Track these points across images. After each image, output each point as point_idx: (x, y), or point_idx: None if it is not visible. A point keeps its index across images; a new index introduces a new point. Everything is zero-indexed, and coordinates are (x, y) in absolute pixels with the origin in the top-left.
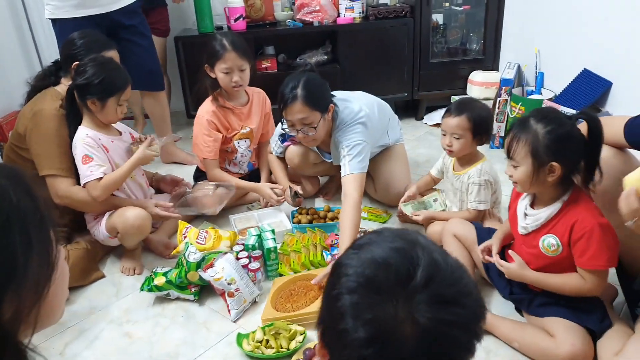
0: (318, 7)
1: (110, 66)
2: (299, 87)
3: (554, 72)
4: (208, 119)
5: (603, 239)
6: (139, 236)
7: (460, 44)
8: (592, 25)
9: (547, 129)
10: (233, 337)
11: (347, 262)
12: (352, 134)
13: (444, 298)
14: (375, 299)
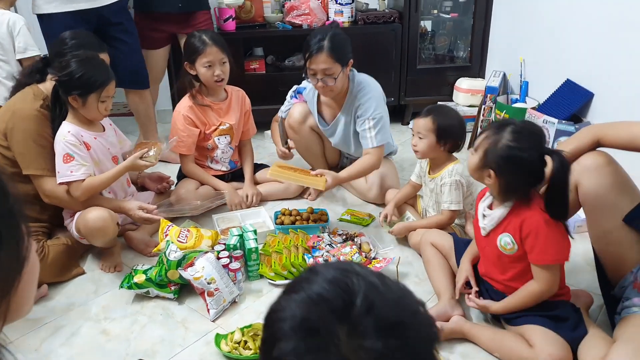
0: (307, 10)
1: (93, 62)
2: (326, 39)
3: (538, 82)
4: (184, 114)
5: (549, 235)
6: (102, 238)
7: (447, 51)
8: (576, 38)
9: (511, 144)
10: (211, 336)
11: (280, 307)
12: (375, 106)
13: (389, 322)
14: (315, 343)
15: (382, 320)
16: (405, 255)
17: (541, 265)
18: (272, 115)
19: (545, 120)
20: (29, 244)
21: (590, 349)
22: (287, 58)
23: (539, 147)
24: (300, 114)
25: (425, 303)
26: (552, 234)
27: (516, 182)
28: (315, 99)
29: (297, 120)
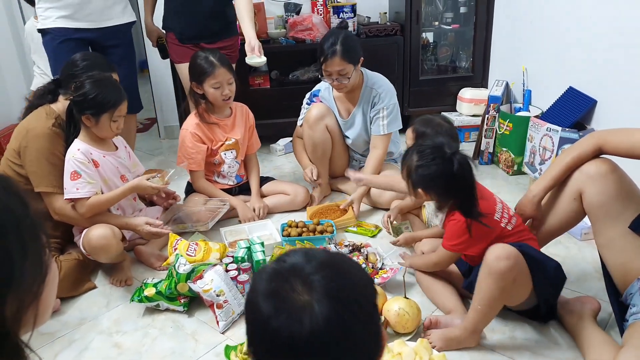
0: (310, 25)
1: (106, 83)
2: (338, 44)
3: (541, 90)
4: (192, 131)
5: (453, 228)
6: (105, 255)
7: (449, 61)
8: (578, 45)
9: (417, 163)
10: (221, 348)
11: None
12: (390, 97)
13: (328, 267)
14: (278, 282)
15: (322, 268)
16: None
17: (443, 247)
18: (277, 129)
19: (549, 128)
20: (49, 254)
21: (598, 354)
22: (291, 73)
23: (442, 154)
24: (319, 111)
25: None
26: (455, 229)
27: (443, 190)
28: (332, 97)
29: (314, 116)
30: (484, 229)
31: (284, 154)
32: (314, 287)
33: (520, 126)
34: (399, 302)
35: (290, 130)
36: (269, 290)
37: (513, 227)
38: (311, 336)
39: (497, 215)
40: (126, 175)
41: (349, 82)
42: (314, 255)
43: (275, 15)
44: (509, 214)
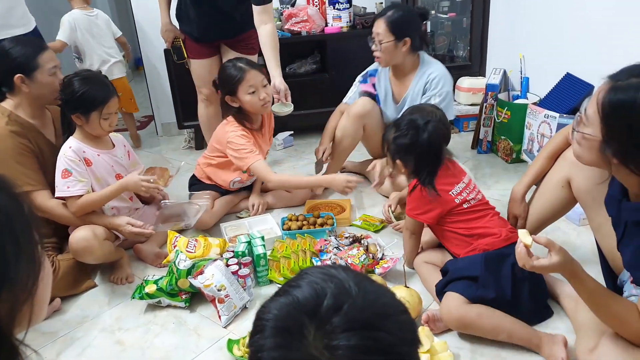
0: (306, 17)
1: (94, 80)
2: (391, 10)
3: (539, 77)
4: (241, 134)
5: (414, 197)
6: (88, 257)
7: (447, 50)
8: (574, 31)
9: (395, 135)
10: (223, 342)
11: (266, 307)
12: (442, 84)
13: (358, 323)
14: (287, 339)
15: (350, 322)
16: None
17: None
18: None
19: (547, 115)
20: (42, 251)
21: (586, 338)
22: (288, 66)
23: (415, 125)
24: (363, 108)
25: (406, 309)
26: (413, 196)
27: (415, 159)
28: (388, 79)
29: (356, 112)
30: (436, 197)
31: (283, 148)
32: (331, 347)
33: (518, 114)
34: (400, 292)
35: (290, 124)
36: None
37: (469, 206)
38: None
39: (454, 191)
40: (122, 174)
41: (382, 53)
42: (343, 301)
43: None
44: (471, 196)
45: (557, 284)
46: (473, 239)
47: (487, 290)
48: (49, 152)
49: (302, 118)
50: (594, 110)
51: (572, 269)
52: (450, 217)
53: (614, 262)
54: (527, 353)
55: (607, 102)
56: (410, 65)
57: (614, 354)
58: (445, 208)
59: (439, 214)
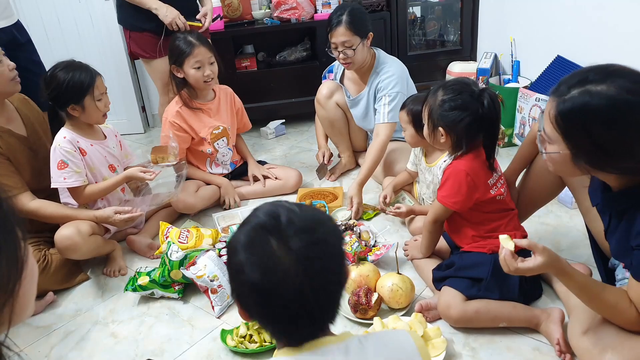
0: (295, 4)
1: (73, 67)
2: (345, 14)
3: (530, 60)
4: (170, 120)
5: (456, 182)
6: (74, 254)
7: (438, 35)
8: (565, 13)
9: (445, 97)
10: (217, 332)
11: (235, 236)
12: (394, 85)
13: (305, 228)
14: (256, 251)
15: (301, 230)
16: (404, 240)
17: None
18: (266, 111)
19: (538, 98)
20: (26, 248)
21: (578, 320)
22: (278, 54)
23: (469, 91)
24: (328, 89)
25: (332, 218)
26: (458, 183)
27: (463, 129)
28: (340, 74)
29: (324, 95)
30: (479, 180)
31: (275, 137)
32: (291, 250)
33: (510, 98)
34: (393, 278)
35: (281, 112)
36: (247, 242)
37: (500, 200)
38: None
39: (491, 181)
40: (115, 165)
41: (355, 57)
42: (293, 217)
43: None
44: (502, 189)
45: None
46: (487, 236)
47: (490, 294)
48: (22, 148)
49: (293, 106)
50: (550, 128)
51: (559, 266)
52: (477, 209)
53: (604, 245)
54: (520, 336)
55: (559, 116)
56: (369, 62)
57: (607, 337)
58: (482, 197)
59: (475, 201)
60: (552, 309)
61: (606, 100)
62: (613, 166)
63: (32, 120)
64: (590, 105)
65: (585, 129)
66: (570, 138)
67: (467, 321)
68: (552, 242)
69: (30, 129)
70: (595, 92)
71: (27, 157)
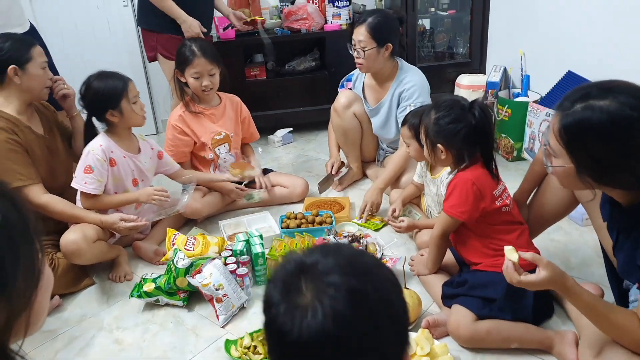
0: (305, 14)
1: (105, 75)
2: (371, 17)
3: (540, 75)
4: (173, 124)
5: (462, 191)
6: (77, 259)
7: (447, 47)
8: (576, 28)
9: (437, 115)
10: (221, 342)
11: (273, 274)
12: (418, 95)
13: (340, 274)
14: (287, 292)
15: (333, 272)
16: (411, 254)
17: (446, 214)
18: (275, 120)
19: (548, 113)
20: (43, 259)
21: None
22: (287, 63)
23: (460, 105)
24: (347, 99)
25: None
26: (465, 193)
27: (460, 142)
28: (361, 83)
29: (342, 104)
30: (485, 190)
31: (282, 145)
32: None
33: (519, 112)
34: None
35: (289, 121)
36: (281, 287)
37: (506, 212)
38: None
39: (497, 192)
40: (138, 180)
41: (365, 60)
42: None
43: (270, 5)
44: (508, 201)
45: None
46: (498, 253)
47: (503, 314)
48: (39, 145)
49: (301, 115)
50: (554, 142)
51: (564, 283)
52: (484, 220)
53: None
54: (529, 356)
55: (562, 130)
56: (389, 71)
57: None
58: (488, 208)
59: (482, 211)
60: (565, 332)
61: (607, 115)
62: (614, 181)
63: (50, 121)
64: (592, 120)
65: (586, 143)
66: (573, 152)
67: (478, 341)
68: (561, 260)
69: (47, 129)
70: (597, 107)
71: (44, 154)
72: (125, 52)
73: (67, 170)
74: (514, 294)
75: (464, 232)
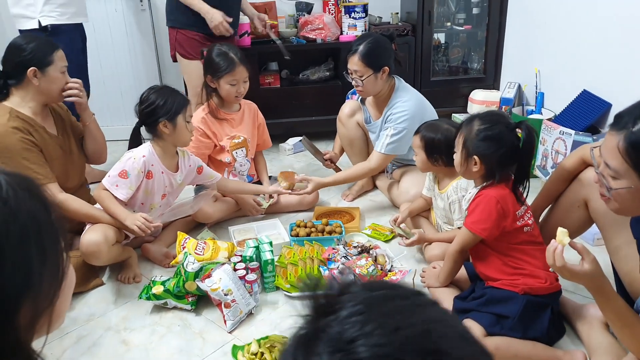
0: (321, 25)
1: (169, 90)
2: (362, 45)
3: (554, 93)
4: (196, 125)
5: (486, 208)
6: (95, 260)
7: (461, 62)
8: (592, 47)
9: (482, 127)
10: (228, 347)
11: None
12: (402, 120)
13: None
14: None
15: None
16: (421, 266)
17: (467, 229)
18: (287, 128)
19: (562, 131)
20: (67, 260)
21: None
22: (302, 72)
23: (506, 123)
24: (350, 109)
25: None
26: (489, 209)
27: (497, 159)
28: (360, 99)
29: (346, 113)
30: (509, 209)
31: (293, 153)
32: None
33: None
34: None
35: (301, 130)
36: None
37: (527, 232)
38: None
39: (520, 212)
40: (167, 194)
41: (364, 87)
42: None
43: (287, 14)
44: (530, 221)
45: (571, 305)
46: (516, 272)
47: (514, 333)
48: (53, 146)
49: (313, 124)
50: (619, 162)
51: (601, 283)
52: (504, 239)
53: (631, 287)
54: None
55: (630, 148)
56: (387, 91)
57: None
58: (509, 227)
59: (502, 230)
60: (574, 351)
61: None
62: None
63: (64, 122)
64: None
65: None
66: None
67: None
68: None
69: (61, 129)
70: None
71: (58, 155)
72: (140, 55)
73: (80, 171)
74: (530, 314)
75: (483, 248)
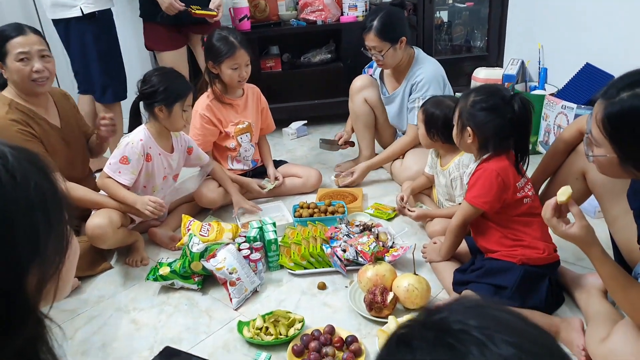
0: (321, 6)
1: (174, 75)
2: (376, 20)
3: (557, 68)
4: (201, 113)
5: (486, 182)
6: (102, 244)
7: (464, 41)
8: (595, 20)
9: (477, 98)
10: (234, 324)
11: None
12: (427, 88)
13: None
14: None
15: None
16: (422, 243)
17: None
18: (290, 112)
19: (564, 105)
20: (71, 229)
21: (597, 327)
22: (303, 55)
23: (500, 95)
24: (361, 83)
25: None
26: (489, 182)
27: (491, 130)
28: (378, 70)
29: (355, 88)
30: (509, 181)
31: (297, 137)
32: None
33: (535, 105)
34: (409, 279)
35: (304, 114)
36: None
37: (527, 204)
38: None
39: (520, 184)
40: (167, 176)
41: (385, 61)
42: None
43: None
44: (530, 193)
45: (570, 275)
46: (515, 244)
47: (513, 303)
48: (55, 136)
49: (316, 107)
50: (597, 131)
51: (590, 247)
52: (504, 211)
53: (629, 256)
54: None
55: (606, 119)
56: (406, 61)
57: (626, 344)
58: (510, 199)
59: (503, 202)
60: (572, 318)
61: None
62: None
63: (68, 114)
64: (639, 109)
65: (633, 132)
66: (617, 141)
67: None
68: (572, 251)
69: (65, 121)
70: None
71: (61, 146)
72: (135, 48)
73: (83, 161)
74: (528, 285)
75: (484, 222)
